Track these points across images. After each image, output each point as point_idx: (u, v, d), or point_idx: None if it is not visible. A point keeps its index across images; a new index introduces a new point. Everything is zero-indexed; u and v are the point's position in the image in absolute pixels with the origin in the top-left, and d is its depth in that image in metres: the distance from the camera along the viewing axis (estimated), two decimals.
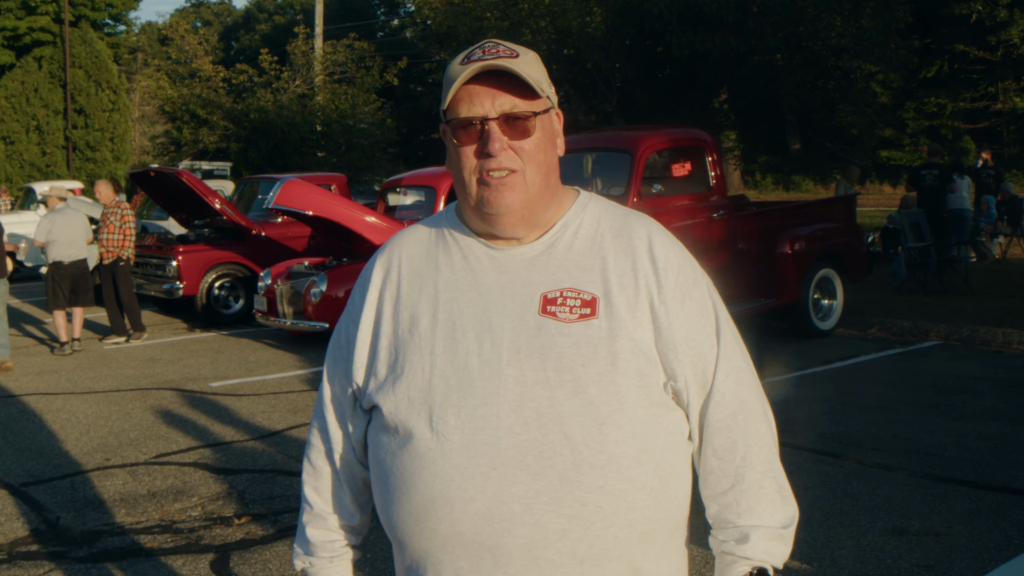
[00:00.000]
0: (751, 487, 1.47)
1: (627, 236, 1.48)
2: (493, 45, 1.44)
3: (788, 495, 1.50)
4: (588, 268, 1.45)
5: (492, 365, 1.39)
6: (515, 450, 1.36)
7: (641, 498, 1.38)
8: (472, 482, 1.36)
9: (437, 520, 1.39)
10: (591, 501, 1.35)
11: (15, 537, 4.50)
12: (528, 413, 1.36)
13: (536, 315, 1.41)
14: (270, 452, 5.81)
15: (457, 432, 1.38)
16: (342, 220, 9.09)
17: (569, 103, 17.35)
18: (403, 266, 1.53)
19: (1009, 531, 4.23)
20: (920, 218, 11.85)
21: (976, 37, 27.22)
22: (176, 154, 23.83)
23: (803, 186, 31.27)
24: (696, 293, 1.47)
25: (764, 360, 8.09)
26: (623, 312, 1.41)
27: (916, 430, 5.88)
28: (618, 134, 9.35)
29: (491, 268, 1.47)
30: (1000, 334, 8.72)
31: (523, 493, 1.35)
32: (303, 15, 35.68)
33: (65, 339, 9.44)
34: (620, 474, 1.36)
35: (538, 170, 1.44)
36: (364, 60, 25.37)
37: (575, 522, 1.35)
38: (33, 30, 29.75)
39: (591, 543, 1.36)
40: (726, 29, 14.01)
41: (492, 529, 1.36)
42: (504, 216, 1.43)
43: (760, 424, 1.49)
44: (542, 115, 1.45)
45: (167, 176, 11.51)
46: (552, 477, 1.35)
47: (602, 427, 1.36)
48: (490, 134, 1.41)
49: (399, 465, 1.43)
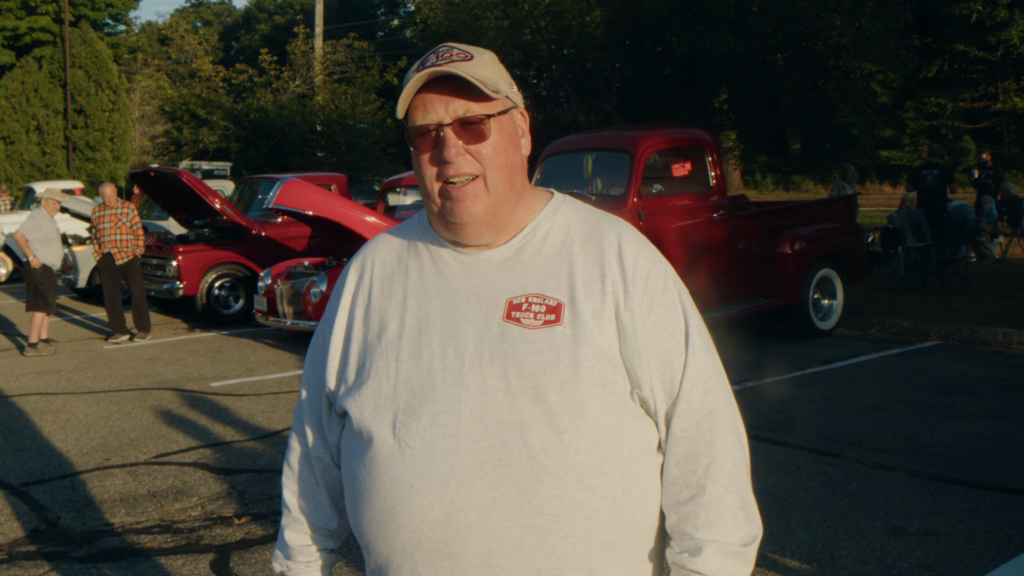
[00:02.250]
0: (712, 500, 1.41)
1: (597, 241, 1.45)
2: (447, 49, 1.43)
3: (752, 512, 1.45)
4: (555, 273, 1.43)
5: (455, 371, 1.38)
6: (474, 457, 1.35)
7: (602, 508, 1.36)
8: (431, 489, 1.36)
9: (397, 526, 1.38)
10: (548, 510, 1.34)
11: (15, 537, 4.50)
12: (488, 420, 1.35)
13: (500, 321, 1.40)
14: (270, 452, 5.81)
15: (418, 438, 1.37)
16: (342, 220, 9.09)
17: (569, 103, 17.36)
18: (375, 271, 1.52)
19: (1009, 531, 4.23)
20: (920, 218, 11.85)
21: (976, 37, 27.21)
22: (176, 154, 23.83)
23: (803, 186, 31.26)
24: (665, 299, 1.44)
25: (764, 360, 8.09)
26: (588, 318, 1.39)
27: (916, 430, 5.88)
28: (618, 134, 9.34)
29: (459, 273, 1.46)
30: (1000, 334, 8.72)
31: (480, 501, 1.34)
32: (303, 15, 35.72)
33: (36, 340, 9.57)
34: (580, 483, 1.35)
35: (499, 173, 1.42)
36: (364, 60, 25.37)
37: (532, 531, 1.34)
38: (33, 30, 29.77)
39: (548, 552, 1.35)
40: (726, 28, 14.02)
41: (450, 536, 1.35)
42: (468, 225, 1.42)
43: (727, 437, 1.44)
44: (499, 116, 1.43)
45: (167, 176, 11.50)
46: (510, 485, 1.33)
47: (563, 435, 1.34)
48: (445, 140, 1.40)
49: (363, 470, 1.43)
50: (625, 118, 16.40)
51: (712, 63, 15.08)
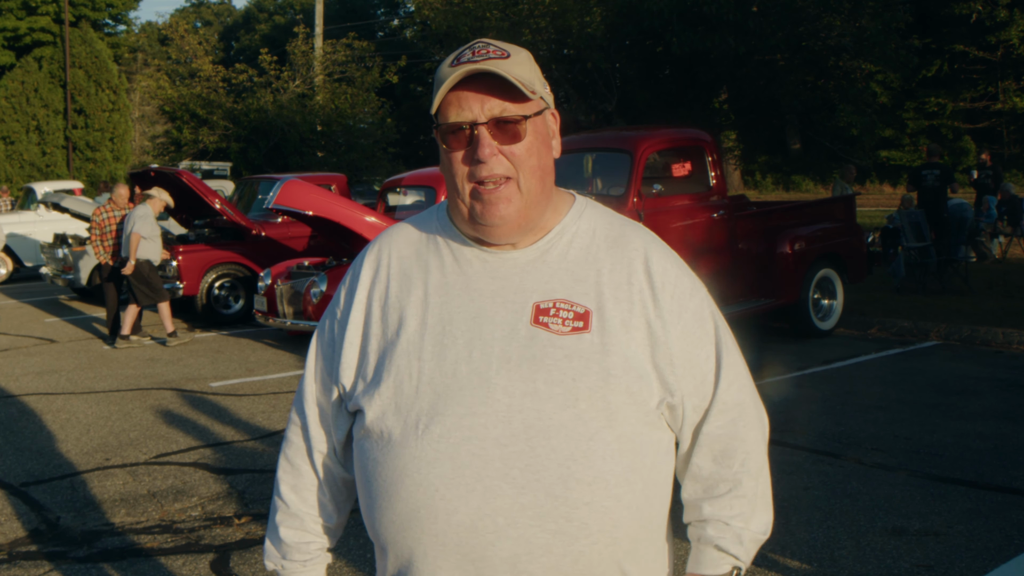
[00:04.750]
0: (747, 493, 1.48)
1: (623, 248, 1.45)
2: (483, 46, 1.39)
3: (770, 502, 1.53)
4: (582, 279, 1.42)
5: (481, 374, 1.36)
6: (502, 462, 1.33)
7: (627, 517, 1.37)
8: (456, 493, 1.34)
9: (420, 530, 1.36)
10: (577, 517, 1.34)
11: (15, 537, 4.50)
12: (516, 425, 1.33)
13: (528, 325, 1.38)
14: (270, 452, 5.80)
15: (443, 441, 1.34)
16: (342, 220, 9.08)
17: (569, 103, 17.35)
18: (392, 266, 1.49)
19: (1009, 531, 4.23)
20: (920, 218, 11.85)
21: (976, 37, 27.24)
22: (176, 154, 23.83)
23: (803, 186, 31.28)
24: (692, 304, 1.46)
25: (764, 360, 8.09)
26: (616, 327, 1.38)
27: (916, 430, 5.88)
28: (618, 134, 9.34)
29: (483, 272, 1.43)
30: (1000, 334, 8.72)
31: (508, 506, 1.33)
32: (303, 15, 35.71)
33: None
34: (607, 491, 1.35)
35: (532, 175, 1.40)
36: (364, 60, 25.37)
37: (560, 537, 1.33)
38: (33, 30, 29.77)
39: (575, 559, 1.35)
40: (726, 28, 14.02)
41: (476, 541, 1.34)
42: (499, 227, 1.40)
43: (756, 430, 1.51)
44: (534, 118, 1.41)
45: (167, 176, 11.50)
46: (538, 491, 1.32)
47: (591, 442, 1.34)
48: (479, 139, 1.37)
49: (383, 472, 1.40)
50: (625, 118, 16.39)
51: (712, 63, 15.08)
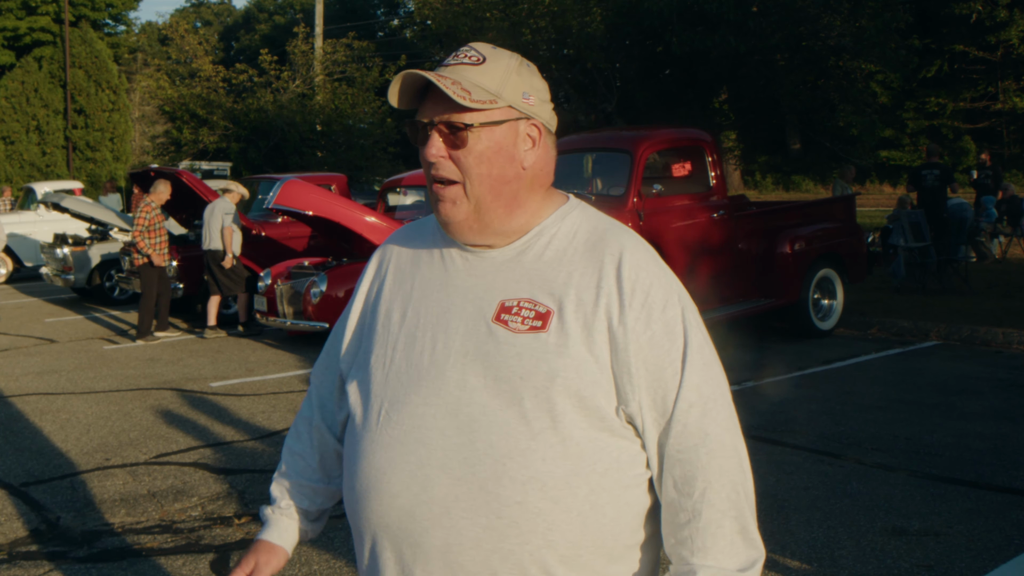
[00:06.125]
0: (708, 525, 1.38)
1: (599, 251, 1.43)
2: (466, 50, 1.44)
3: (753, 537, 1.41)
4: (551, 280, 1.41)
5: (439, 366, 1.41)
6: (443, 452, 1.37)
7: (565, 520, 1.35)
8: (399, 478, 1.39)
9: (370, 509, 1.43)
10: (507, 515, 1.34)
11: (15, 537, 4.50)
12: (461, 418, 1.37)
13: (489, 321, 1.41)
14: (270, 452, 5.80)
15: (397, 428, 1.41)
16: (342, 220, 9.09)
17: (569, 103, 17.36)
18: (392, 262, 1.58)
19: (1009, 531, 4.23)
20: (920, 218, 11.86)
21: (976, 37, 27.22)
22: (176, 154, 23.83)
23: (803, 186, 31.27)
24: (665, 316, 1.40)
25: (764, 360, 8.09)
26: (576, 330, 1.37)
27: (916, 430, 5.88)
28: (618, 134, 9.35)
29: (463, 270, 1.48)
30: (1000, 334, 8.72)
31: (443, 496, 1.36)
32: (303, 15, 35.74)
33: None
34: (543, 493, 1.34)
35: (480, 183, 1.41)
36: (364, 60, 25.37)
37: (490, 532, 1.35)
38: (33, 30, 29.74)
39: (504, 556, 1.35)
40: (726, 28, 14.02)
41: (413, 527, 1.38)
42: (449, 225, 1.45)
43: (726, 460, 1.40)
44: (490, 127, 1.41)
45: (167, 176, 11.49)
46: (472, 485, 1.35)
47: (532, 442, 1.34)
48: (428, 139, 1.43)
49: (351, 451, 1.49)
50: (625, 118, 16.40)
51: (712, 63, 15.07)
